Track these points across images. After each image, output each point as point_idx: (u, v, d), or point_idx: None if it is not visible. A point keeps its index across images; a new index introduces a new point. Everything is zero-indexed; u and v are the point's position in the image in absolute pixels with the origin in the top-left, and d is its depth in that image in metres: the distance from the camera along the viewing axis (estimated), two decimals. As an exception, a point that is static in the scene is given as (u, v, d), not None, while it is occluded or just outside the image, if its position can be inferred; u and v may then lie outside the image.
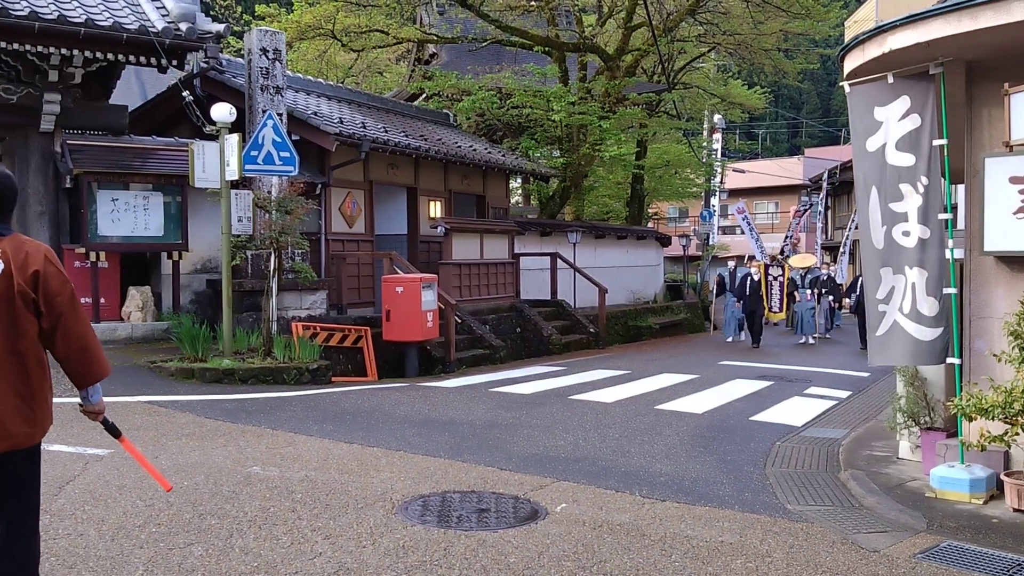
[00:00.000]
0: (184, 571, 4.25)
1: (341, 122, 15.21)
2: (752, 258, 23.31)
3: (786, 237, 24.56)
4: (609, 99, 21.99)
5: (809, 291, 19.82)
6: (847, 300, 20.30)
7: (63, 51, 11.39)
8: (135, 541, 4.64)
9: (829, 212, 36.44)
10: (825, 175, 33.43)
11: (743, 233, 28.66)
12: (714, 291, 22.40)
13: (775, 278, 19.17)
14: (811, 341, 19.03)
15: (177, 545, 4.59)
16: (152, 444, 6.93)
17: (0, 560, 3.18)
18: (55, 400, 3.43)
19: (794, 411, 9.81)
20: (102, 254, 12.28)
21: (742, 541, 4.98)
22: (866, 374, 13.08)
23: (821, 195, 32.29)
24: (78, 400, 3.48)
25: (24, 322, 3.11)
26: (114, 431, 3.61)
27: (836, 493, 6.22)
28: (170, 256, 12.87)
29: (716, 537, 5.04)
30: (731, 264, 21.21)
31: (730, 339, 19.55)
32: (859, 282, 16.54)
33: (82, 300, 11.83)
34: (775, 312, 19.36)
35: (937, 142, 5.90)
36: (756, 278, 18.59)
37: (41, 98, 12.01)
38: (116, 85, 14.08)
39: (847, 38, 9.18)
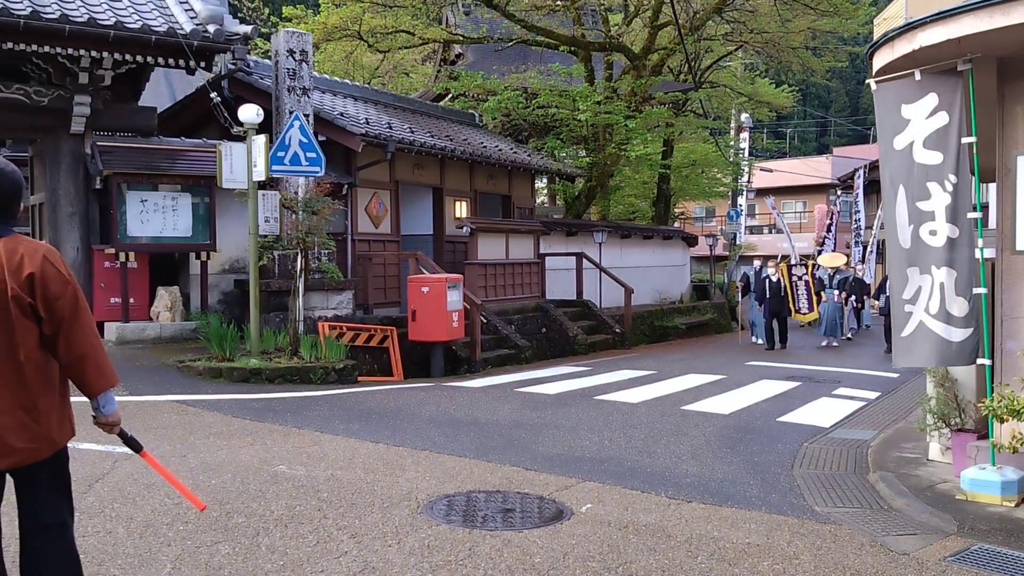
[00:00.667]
0: (211, 569, 4.28)
1: (367, 123, 15.27)
2: (786, 257, 23.03)
3: (829, 228, 24.44)
4: (635, 98, 21.92)
5: (836, 292, 19.57)
6: (876, 301, 20.01)
7: (93, 53, 11.55)
8: (163, 539, 4.69)
9: (858, 211, 36.04)
10: (857, 172, 33.09)
11: (770, 232, 28.46)
12: (740, 291, 22.24)
13: (799, 277, 18.91)
14: (834, 344, 18.67)
15: (204, 543, 4.63)
16: (180, 443, 7.01)
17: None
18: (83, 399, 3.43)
19: (822, 412, 9.71)
20: (131, 254, 12.41)
21: (769, 543, 4.94)
22: (895, 375, 12.92)
23: (855, 193, 31.90)
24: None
25: (22, 330, 2.91)
26: (134, 445, 3.36)
27: (865, 495, 6.15)
28: (198, 256, 13.00)
29: (743, 539, 5.01)
30: (756, 264, 20.98)
31: (756, 340, 19.35)
32: (888, 282, 16.31)
33: (112, 300, 12.14)
34: (804, 313, 19.05)
35: (966, 140, 5.81)
36: (775, 279, 18.29)
37: (71, 100, 12.18)
38: (145, 87, 14.26)
39: (876, 36, 9.07)
